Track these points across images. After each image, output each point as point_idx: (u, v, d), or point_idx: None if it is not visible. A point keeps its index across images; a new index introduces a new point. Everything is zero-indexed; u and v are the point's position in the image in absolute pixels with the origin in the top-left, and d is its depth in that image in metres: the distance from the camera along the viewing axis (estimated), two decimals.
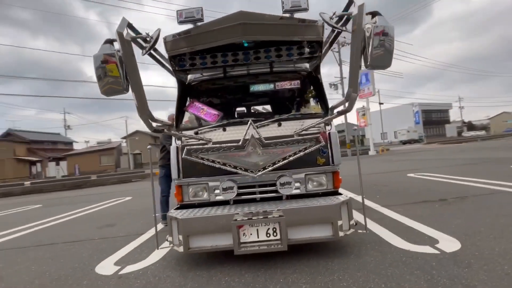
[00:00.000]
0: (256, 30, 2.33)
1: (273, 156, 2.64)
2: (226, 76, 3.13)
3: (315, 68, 3.10)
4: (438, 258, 2.27)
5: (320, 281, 2.05)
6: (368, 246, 2.70)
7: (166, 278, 2.37)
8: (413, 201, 4.36)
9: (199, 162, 2.66)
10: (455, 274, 1.96)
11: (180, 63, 2.73)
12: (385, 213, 3.87)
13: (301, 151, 2.63)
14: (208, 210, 2.62)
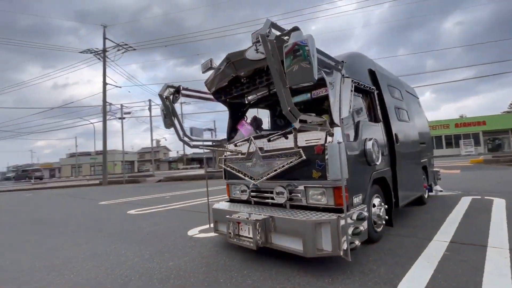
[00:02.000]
0: (241, 64, 2.78)
1: (272, 166, 2.90)
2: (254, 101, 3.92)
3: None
4: None
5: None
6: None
7: (219, 244, 3.42)
8: None
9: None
10: None
11: (217, 95, 3.62)
12: None
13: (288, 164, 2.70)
14: (229, 205, 3.39)
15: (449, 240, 3.06)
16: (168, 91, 3.20)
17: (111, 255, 3.31)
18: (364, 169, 2.92)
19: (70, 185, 21.65)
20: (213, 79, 3.28)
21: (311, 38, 1.84)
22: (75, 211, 7.48)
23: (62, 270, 2.89)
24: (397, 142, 3.76)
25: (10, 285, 2.62)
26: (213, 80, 3.29)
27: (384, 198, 3.42)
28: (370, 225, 3.02)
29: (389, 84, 4.20)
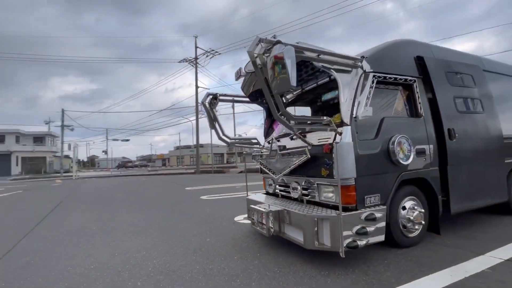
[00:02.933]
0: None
1: (288, 163, 3.12)
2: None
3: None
4: None
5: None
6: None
7: (253, 230, 3.93)
8: None
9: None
10: None
11: (252, 97, 4.01)
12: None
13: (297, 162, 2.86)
14: (261, 197, 3.76)
15: (508, 258, 2.55)
16: (208, 99, 3.83)
17: (171, 229, 4.25)
18: (385, 169, 2.77)
19: (173, 173, 26.46)
20: (245, 84, 3.70)
21: (288, 51, 2.02)
22: (165, 193, 9.40)
23: (141, 232, 3.98)
24: (451, 138, 3.26)
25: (133, 227, 3.84)
26: (245, 85, 3.71)
27: (427, 201, 3.09)
28: (396, 229, 2.84)
29: (450, 70, 3.61)
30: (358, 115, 2.66)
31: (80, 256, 3.10)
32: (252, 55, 2.18)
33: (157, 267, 2.67)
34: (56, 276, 2.57)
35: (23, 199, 9.43)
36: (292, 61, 2.03)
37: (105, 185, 14.65)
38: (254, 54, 2.19)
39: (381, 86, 3.05)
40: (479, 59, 4.27)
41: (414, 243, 2.96)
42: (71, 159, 34.25)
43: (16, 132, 39.63)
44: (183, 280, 2.35)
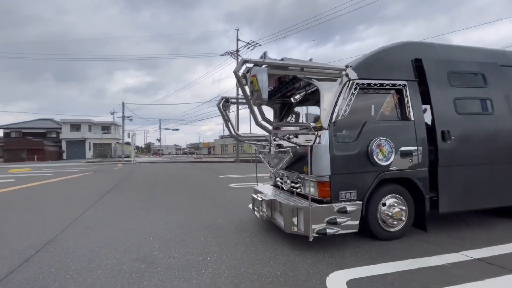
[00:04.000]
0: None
1: (281, 160, 3.61)
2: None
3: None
4: None
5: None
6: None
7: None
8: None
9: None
10: None
11: None
12: None
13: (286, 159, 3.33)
14: (265, 187, 4.31)
15: (480, 257, 2.70)
16: (222, 101, 4.48)
17: (194, 210, 5.11)
18: (363, 168, 3.07)
19: (215, 161, 28.36)
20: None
21: (260, 72, 2.50)
22: (200, 180, 10.55)
23: (170, 211, 4.93)
24: (444, 140, 3.35)
25: (165, 206, 4.85)
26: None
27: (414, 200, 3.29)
28: (375, 223, 3.15)
29: (453, 70, 3.60)
30: (337, 120, 3.01)
31: (123, 225, 4.11)
32: (237, 75, 2.72)
33: (173, 237, 3.49)
34: (103, 237, 3.57)
35: (91, 179, 11.59)
36: (264, 80, 2.51)
37: (154, 170, 16.73)
38: (238, 73, 2.73)
39: (370, 91, 3.29)
40: (502, 54, 4.04)
41: (394, 237, 3.22)
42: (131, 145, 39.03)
43: (89, 122, 46.48)
44: (188, 247, 3.10)
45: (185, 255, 2.85)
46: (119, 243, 3.28)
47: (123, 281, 2.29)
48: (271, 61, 2.84)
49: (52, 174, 14.53)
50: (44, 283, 2.29)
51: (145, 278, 2.34)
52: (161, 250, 3.01)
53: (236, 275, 2.39)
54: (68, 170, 17.09)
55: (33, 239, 3.47)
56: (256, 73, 2.51)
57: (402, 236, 3.26)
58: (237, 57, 28.06)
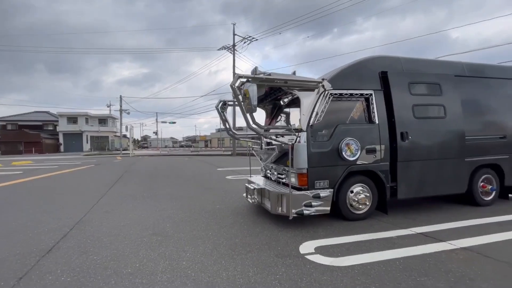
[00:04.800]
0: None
1: (270, 155, 4.34)
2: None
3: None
4: None
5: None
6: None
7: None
8: None
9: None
10: None
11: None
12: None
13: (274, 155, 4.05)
14: (257, 178, 5.06)
15: (421, 232, 3.47)
16: (220, 104, 5.16)
17: (195, 198, 5.84)
18: (334, 162, 3.80)
19: (212, 154, 29.04)
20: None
21: (251, 87, 3.18)
22: (199, 172, 11.27)
23: (175, 199, 5.66)
24: (403, 140, 4.10)
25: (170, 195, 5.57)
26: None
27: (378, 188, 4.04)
28: (344, 206, 3.91)
29: (413, 81, 4.32)
30: (313, 124, 3.73)
31: (136, 210, 4.83)
32: (233, 88, 3.40)
33: (181, 218, 4.22)
34: (121, 219, 4.28)
35: (95, 172, 12.24)
36: (254, 93, 3.19)
37: (153, 163, 17.40)
38: (234, 87, 3.41)
39: (343, 99, 4.01)
40: (457, 65, 4.76)
41: (360, 218, 3.99)
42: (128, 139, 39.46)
43: (85, 115, 46.61)
44: (193, 226, 3.84)
45: (191, 231, 3.59)
46: (136, 223, 4.01)
47: (146, 247, 3.03)
48: (261, 77, 3.52)
49: (55, 166, 15.13)
50: (85, 249, 3.02)
51: (162, 246, 3.08)
52: (172, 228, 3.75)
53: (232, 244, 3.13)
54: (70, 163, 17.66)
55: (64, 220, 4.18)
56: (248, 88, 3.20)
57: (367, 217, 4.03)
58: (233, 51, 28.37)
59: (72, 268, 2.56)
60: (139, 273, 2.44)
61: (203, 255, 2.81)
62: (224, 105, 5.07)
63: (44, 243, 3.23)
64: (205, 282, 2.28)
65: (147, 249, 2.99)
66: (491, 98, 4.79)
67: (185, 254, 2.84)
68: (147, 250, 2.96)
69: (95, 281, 2.31)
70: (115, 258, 2.76)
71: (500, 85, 4.90)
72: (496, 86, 4.86)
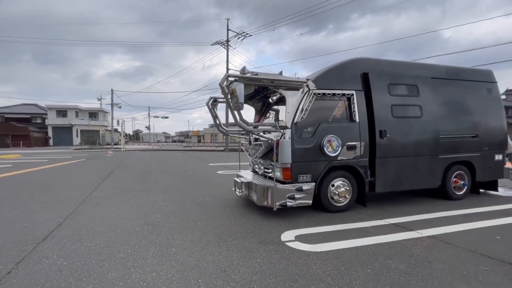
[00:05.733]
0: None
1: (258, 150, 4.57)
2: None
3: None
4: None
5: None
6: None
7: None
8: None
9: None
10: None
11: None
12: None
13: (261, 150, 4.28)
14: (244, 172, 5.29)
15: (394, 222, 3.77)
16: (211, 101, 5.34)
17: (186, 191, 6.04)
18: (317, 158, 4.05)
19: (204, 149, 29.11)
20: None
21: (238, 85, 3.39)
22: (191, 167, 11.44)
23: (166, 192, 5.84)
24: (382, 137, 4.38)
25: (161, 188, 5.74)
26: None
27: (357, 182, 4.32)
28: (326, 199, 4.18)
29: (392, 82, 4.60)
30: (298, 121, 3.96)
31: (127, 202, 5.00)
32: (222, 87, 3.59)
33: (171, 210, 4.42)
34: (114, 210, 4.46)
35: (87, 166, 12.25)
36: (241, 92, 3.39)
37: (145, 158, 17.43)
38: (223, 85, 3.60)
39: (326, 98, 4.25)
40: (434, 68, 5.06)
41: (340, 210, 4.27)
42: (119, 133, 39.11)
43: (75, 108, 45.80)
44: (183, 216, 4.05)
45: (181, 222, 3.81)
46: (128, 214, 4.20)
47: (138, 236, 3.23)
48: (248, 76, 3.72)
49: (45, 160, 15.01)
50: (79, 237, 3.20)
51: (153, 235, 3.28)
52: (162, 218, 3.95)
53: (219, 232, 3.36)
54: (60, 157, 17.52)
55: (57, 211, 4.33)
56: (235, 87, 3.40)
57: (347, 209, 4.31)
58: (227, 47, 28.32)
59: (67, 254, 2.75)
60: (131, 258, 2.65)
61: (191, 243, 3.03)
62: (214, 102, 5.25)
63: (39, 231, 3.39)
64: (192, 265, 2.50)
65: (138, 237, 3.19)
66: (465, 100, 5.12)
67: (174, 242, 3.05)
68: (139, 238, 3.16)
69: (89, 265, 2.51)
70: (108, 245, 2.96)
71: (473, 88, 5.23)
72: (469, 88, 5.19)
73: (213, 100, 5.21)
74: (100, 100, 50.57)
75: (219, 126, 5.30)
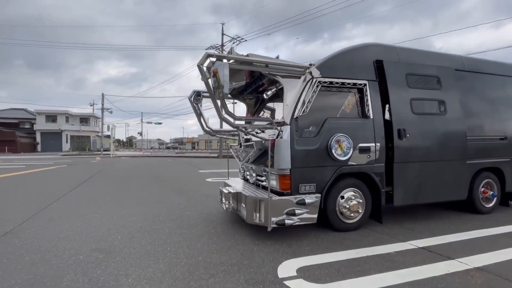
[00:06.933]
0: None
1: (248, 153, 3.70)
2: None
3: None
4: None
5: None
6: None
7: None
8: None
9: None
10: None
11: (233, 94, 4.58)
12: None
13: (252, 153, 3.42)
14: (233, 180, 4.40)
15: (423, 246, 2.92)
16: (194, 95, 4.49)
17: (166, 203, 5.11)
18: (323, 162, 3.21)
19: (197, 156, 28.10)
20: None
21: (221, 66, 2.55)
22: (179, 174, 10.48)
23: (141, 203, 4.90)
24: (400, 138, 3.57)
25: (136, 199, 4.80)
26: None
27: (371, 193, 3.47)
28: (333, 215, 3.31)
29: (411, 72, 3.82)
30: (298, 116, 3.12)
31: (88, 216, 4.06)
32: (200, 68, 2.75)
33: (138, 228, 3.50)
34: (65, 228, 3.51)
35: (65, 172, 11.19)
36: (225, 75, 2.57)
37: (133, 164, 16.38)
38: (202, 67, 2.76)
39: (334, 89, 3.44)
40: (458, 59, 4.32)
41: (351, 228, 3.40)
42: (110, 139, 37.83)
43: (66, 113, 44.44)
44: (151, 238, 3.13)
45: (146, 246, 2.89)
46: (80, 234, 3.26)
47: (76, 270, 2.30)
48: (235, 56, 2.90)
49: (22, 166, 13.88)
50: None
51: (100, 267, 2.36)
52: (122, 241, 3.02)
53: (193, 263, 2.46)
54: (41, 163, 16.36)
55: None
56: (217, 67, 2.56)
57: (359, 227, 3.45)
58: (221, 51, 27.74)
59: None
60: None
61: (149, 281, 2.12)
62: (198, 96, 4.40)
63: None
64: None
65: (76, 273, 2.26)
66: (492, 96, 4.38)
67: (125, 280, 2.14)
68: (76, 274, 2.23)
69: None
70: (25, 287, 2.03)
71: (501, 83, 4.50)
72: (496, 84, 4.46)
73: (197, 94, 4.35)
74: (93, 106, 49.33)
75: (204, 125, 4.44)
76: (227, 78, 2.59)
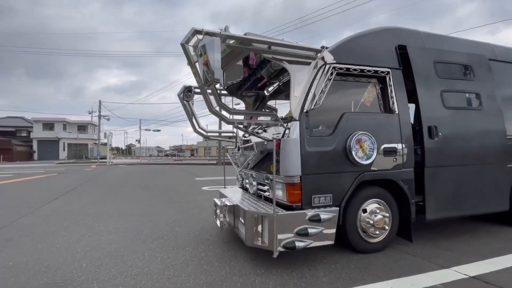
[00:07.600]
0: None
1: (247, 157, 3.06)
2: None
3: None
4: None
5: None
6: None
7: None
8: None
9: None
10: None
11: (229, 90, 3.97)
12: None
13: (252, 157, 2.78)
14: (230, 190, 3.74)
15: (475, 274, 2.25)
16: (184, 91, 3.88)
17: (152, 217, 4.43)
18: (341, 168, 2.58)
19: (195, 163, 27.40)
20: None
21: (210, 42, 1.95)
22: (174, 182, 9.80)
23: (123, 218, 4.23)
24: (431, 137, 2.94)
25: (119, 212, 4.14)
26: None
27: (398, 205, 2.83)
28: (354, 233, 2.66)
29: (440, 60, 3.23)
30: (309, 110, 2.50)
31: (56, 235, 3.39)
32: (184, 47, 2.15)
33: (111, 251, 2.83)
34: (20, 253, 2.84)
35: (52, 181, 10.51)
36: (216, 54, 1.96)
37: (128, 171, 15.70)
38: (188, 47, 2.16)
39: (349, 79, 2.83)
40: (489, 48, 3.74)
41: (376, 249, 2.74)
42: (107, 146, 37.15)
43: (63, 121, 43.92)
44: (124, 266, 2.46)
45: (114, 278, 2.21)
46: (35, 261, 2.58)
47: None
48: (230, 34, 2.30)
49: (9, 175, 13.18)
50: None
51: None
52: (86, 271, 2.35)
53: None
54: (31, 172, 15.67)
55: None
56: (206, 43, 1.95)
57: (385, 247, 2.79)
58: None
59: None
60: None
61: None
62: (189, 92, 3.79)
63: None
64: None
65: None
66: None
67: None
68: None
69: None
70: None
71: None
72: None
73: (187, 90, 3.75)
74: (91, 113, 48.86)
75: (196, 126, 3.83)
76: (219, 58, 1.97)
